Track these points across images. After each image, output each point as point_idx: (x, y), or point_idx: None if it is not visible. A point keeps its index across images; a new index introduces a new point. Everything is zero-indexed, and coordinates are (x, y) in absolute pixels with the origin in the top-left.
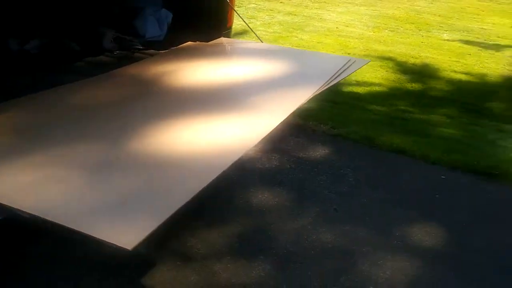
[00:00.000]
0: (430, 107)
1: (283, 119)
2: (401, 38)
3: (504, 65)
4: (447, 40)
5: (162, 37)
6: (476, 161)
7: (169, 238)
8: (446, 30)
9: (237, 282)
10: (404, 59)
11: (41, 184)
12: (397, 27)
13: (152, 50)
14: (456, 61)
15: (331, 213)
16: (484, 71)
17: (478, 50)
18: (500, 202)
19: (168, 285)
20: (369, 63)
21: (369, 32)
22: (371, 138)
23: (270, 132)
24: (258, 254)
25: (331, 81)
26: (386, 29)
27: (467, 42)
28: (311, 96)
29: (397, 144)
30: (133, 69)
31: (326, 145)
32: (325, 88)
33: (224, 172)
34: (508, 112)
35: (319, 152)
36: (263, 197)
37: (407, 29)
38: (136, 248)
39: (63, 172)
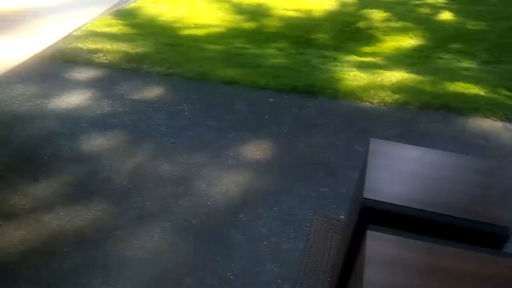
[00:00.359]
0: (264, 43)
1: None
2: None
3: (328, 1)
4: None
5: None
6: (298, 83)
7: None
8: None
9: (72, 226)
10: (239, 1)
11: None
12: None
13: None
14: (287, 0)
15: (169, 146)
16: (311, 7)
17: None
18: (318, 112)
19: None
20: (205, 6)
21: None
22: (206, 74)
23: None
24: (93, 196)
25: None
26: None
27: None
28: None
29: (230, 77)
30: None
31: (161, 85)
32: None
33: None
34: (330, 41)
35: (155, 92)
36: (95, 143)
37: None
38: None
39: None
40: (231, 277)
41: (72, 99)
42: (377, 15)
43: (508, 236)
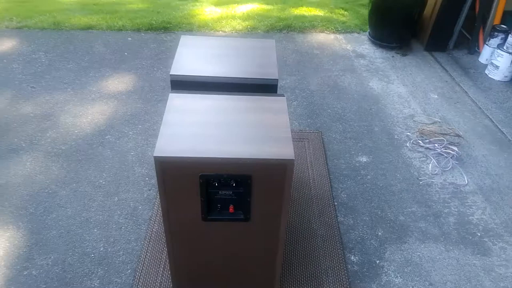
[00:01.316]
0: None
1: None
2: None
3: None
4: None
5: None
6: (154, 22)
7: None
8: None
9: None
10: None
11: None
12: None
13: None
14: None
15: (29, 91)
16: None
17: None
18: (174, 45)
19: None
20: None
21: None
22: (60, 23)
23: None
24: None
25: None
26: None
27: None
28: None
29: (85, 23)
30: None
31: (12, 38)
32: None
33: None
34: None
35: (6, 45)
36: None
37: None
38: None
39: None
40: (103, 183)
41: None
42: None
43: (276, 84)
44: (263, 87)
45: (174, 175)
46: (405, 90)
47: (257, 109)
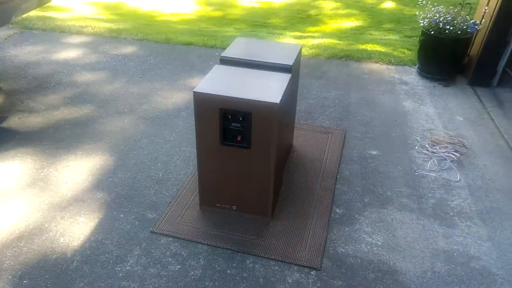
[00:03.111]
0: (225, 26)
1: None
2: None
3: None
4: None
5: None
6: None
7: (11, 104)
8: None
9: (72, 117)
10: None
11: None
12: None
13: None
14: None
15: (137, 80)
16: (272, 0)
17: None
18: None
19: (21, 125)
20: (178, 1)
21: None
22: (169, 39)
23: None
24: (85, 103)
25: None
26: None
27: None
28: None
29: (187, 40)
30: None
31: (134, 46)
32: None
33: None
34: (282, 24)
35: (129, 50)
36: (86, 77)
37: None
38: None
39: None
40: (172, 139)
41: (68, 54)
42: (328, 5)
43: (289, 68)
44: (280, 68)
45: (203, 106)
46: (434, 111)
47: (268, 78)
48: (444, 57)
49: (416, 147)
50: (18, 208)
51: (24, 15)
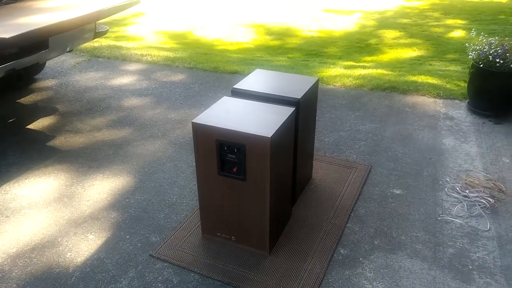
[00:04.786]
0: (280, 54)
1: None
2: (275, 10)
3: (351, 24)
4: (311, 10)
5: None
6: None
7: (63, 125)
8: (312, 2)
9: (110, 138)
10: (271, 26)
11: None
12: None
13: None
14: (314, 24)
15: (178, 106)
16: (333, 29)
17: (334, 15)
18: None
19: (65, 144)
20: (242, 30)
21: None
22: (217, 68)
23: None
24: (125, 126)
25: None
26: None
27: (327, 11)
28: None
29: (234, 69)
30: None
31: (184, 73)
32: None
33: None
34: (338, 53)
35: (178, 77)
36: (132, 102)
37: (282, 2)
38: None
39: None
40: (194, 165)
41: (123, 80)
42: (390, 34)
43: (299, 102)
44: (287, 102)
45: (201, 136)
46: (476, 150)
47: (270, 111)
48: (496, 91)
49: (446, 189)
50: (40, 221)
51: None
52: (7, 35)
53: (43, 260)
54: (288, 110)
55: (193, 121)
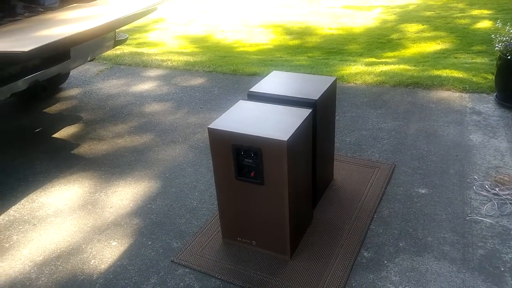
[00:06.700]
0: (299, 54)
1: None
2: (293, 10)
3: (371, 19)
4: (330, 7)
5: (57, 4)
6: (308, 73)
7: (86, 132)
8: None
9: (132, 145)
10: (290, 26)
11: None
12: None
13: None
14: (333, 22)
15: (198, 110)
16: (353, 25)
17: (354, 11)
18: None
19: (89, 152)
20: (261, 31)
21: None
22: (236, 70)
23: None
24: (146, 132)
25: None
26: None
27: (346, 7)
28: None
29: (253, 71)
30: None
31: (203, 77)
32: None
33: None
34: (359, 50)
35: (197, 81)
36: (153, 108)
37: (299, 1)
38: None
39: None
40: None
41: (144, 87)
42: (413, 28)
43: (317, 103)
44: (304, 103)
45: (218, 141)
46: (507, 146)
47: (286, 113)
48: None
49: (474, 187)
50: (66, 228)
51: (109, 52)
52: (25, 48)
53: (68, 267)
54: (305, 112)
55: (209, 126)
